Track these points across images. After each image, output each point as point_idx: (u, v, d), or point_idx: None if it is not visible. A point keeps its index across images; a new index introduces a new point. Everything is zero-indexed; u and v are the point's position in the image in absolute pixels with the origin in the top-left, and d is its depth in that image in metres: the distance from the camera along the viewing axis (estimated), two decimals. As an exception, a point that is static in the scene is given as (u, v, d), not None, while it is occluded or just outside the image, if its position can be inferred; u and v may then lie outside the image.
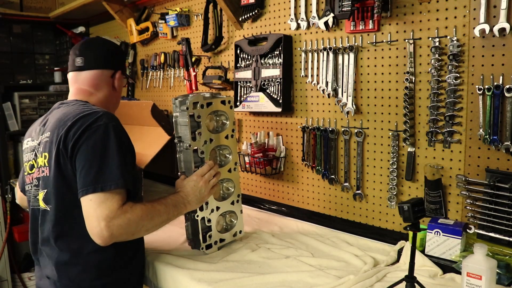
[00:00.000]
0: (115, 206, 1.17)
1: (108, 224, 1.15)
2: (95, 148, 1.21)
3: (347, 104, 1.71)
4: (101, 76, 1.45)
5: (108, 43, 1.55)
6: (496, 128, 1.34)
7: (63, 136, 1.23)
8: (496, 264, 1.11)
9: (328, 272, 1.36)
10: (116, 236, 1.17)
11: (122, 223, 1.18)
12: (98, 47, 1.49)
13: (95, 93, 1.44)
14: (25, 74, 3.43)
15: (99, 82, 1.45)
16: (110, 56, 1.48)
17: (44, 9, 3.45)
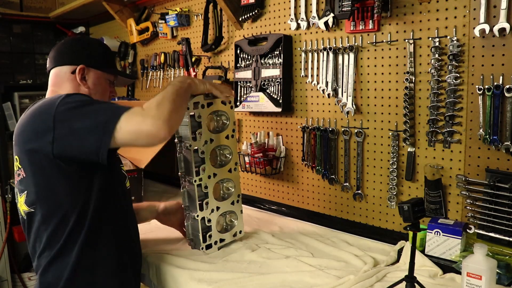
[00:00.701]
0: (138, 109, 1.15)
1: (152, 118, 1.12)
2: (77, 109, 1.17)
3: (347, 104, 1.71)
4: (59, 73, 1.38)
5: (73, 39, 1.48)
6: (496, 128, 1.34)
7: (31, 133, 1.20)
8: (496, 264, 1.11)
9: (328, 272, 1.36)
10: (167, 119, 1.14)
11: (157, 109, 1.15)
12: (59, 46, 1.43)
13: (59, 91, 1.36)
14: (25, 74, 3.43)
15: (58, 80, 1.38)
16: (70, 51, 1.40)
17: (44, 9, 3.45)
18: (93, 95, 1.39)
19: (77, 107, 1.17)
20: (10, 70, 3.34)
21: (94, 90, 1.40)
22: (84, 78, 1.38)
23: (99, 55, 1.45)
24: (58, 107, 1.17)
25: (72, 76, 1.37)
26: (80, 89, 1.37)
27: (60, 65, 1.38)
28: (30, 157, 1.21)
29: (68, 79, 1.37)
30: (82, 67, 1.37)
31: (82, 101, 1.20)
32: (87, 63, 1.39)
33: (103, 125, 1.13)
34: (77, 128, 1.14)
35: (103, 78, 1.43)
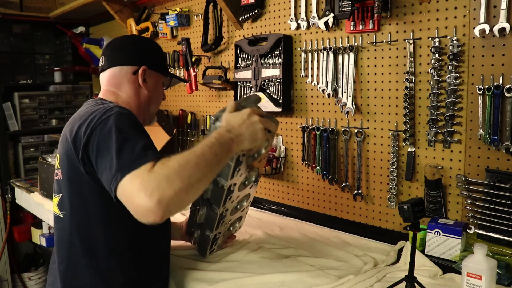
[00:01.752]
0: (146, 173, 0.94)
1: (148, 193, 0.89)
2: (107, 140, 1.04)
3: (347, 104, 1.71)
4: (119, 73, 1.30)
5: (131, 37, 1.42)
6: (496, 128, 1.34)
7: (73, 137, 1.11)
8: (496, 264, 1.11)
9: (328, 272, 1.36)
10: (165, 201, 0.90)
11: (161, 182, 0.91)
12: (118, 44, 1.36)
13: (118, 93, 1.30)
14: (25, 74, 3.42)
15: (118, 80, 1.30)
16: (130, 50, 1.33)
17: (44, 9, 3.45)
18: (151, 98, 1.34)
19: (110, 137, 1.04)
20: (10, 70, 3.34)
21: (153, 93, 1.34)
22: (145, 80, 1.31)
23: (157, 55, 1.39)
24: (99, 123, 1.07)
25: (133, 77, 1.30)
26: (140, 91, 1.31)
27: (120, 65, 1.30)
28: (68, 161, 1.14)
29: (129, 80, 1.30)
30: (145, 68, 1.30)
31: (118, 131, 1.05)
32: (149, 64, 1.31)
33: (114, 173, 0.98)
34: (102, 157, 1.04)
35: (160, 81, 1.38)
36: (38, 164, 2.45)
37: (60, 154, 1.19)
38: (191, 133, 2.55)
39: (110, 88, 1.31)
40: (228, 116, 1.15)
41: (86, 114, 1.14)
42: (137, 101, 1.32)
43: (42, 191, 2.44)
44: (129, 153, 1.00)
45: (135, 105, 1.31)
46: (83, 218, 1.16)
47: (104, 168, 1.02)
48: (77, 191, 1.15)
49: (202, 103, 2.49)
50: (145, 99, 1.33)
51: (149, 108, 1.36)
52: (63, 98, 3.44)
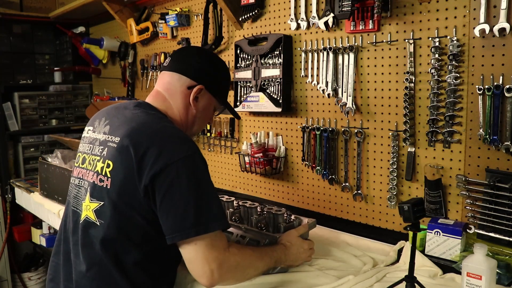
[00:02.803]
0: (223, 247, 1.11)
1: (219, 266, 1.08)
2: (187, 185, 1.08)
3: (347, 104, 1.71)
4: (177, 81, 1.29)
5: (207, 54, 1.37)
6: (496, 128, 1.34)
7: (140, 156, 1.10)
8: (496, 264, 1.11)
9: (327, 272, 1.36)
10: (224, 279, 1.12)
11: (232, 265, 1.12)
12: (191, 53, 1.36)
13: (169, 101, 1.29)
14: (25, 74, 3.42)
15: (172, 87, 1.29)
16: (198, 65, 1.30)
17: (44, 9, 3.45)
18: (197, 118, 1.33)
19: (190, 185, 1.09)
20: (10, 70, 3.34)
21: (200, 114, 1.33)
22: (196, 99, 1.30)
23: (222, 82, 1.38)
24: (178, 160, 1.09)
25: (187, 91, 1.28)
26: (189, 108, 1.30)
27: (181, 74, 1.29)
28: (125, 176, 1.12)
29: (182, 92, 1.29)
30: (200, 88, 1.29)
31: (197, 181, 1.11)
32: (207, 85, 1.30)
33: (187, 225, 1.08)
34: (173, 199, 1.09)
35: (212, 105, 1.37)
36: (38, 164, 2.45)
37: (114, 163, 1.14)
38: (191, 133, 2.55)
39: (162, 91, 1.30)
40: (296, 241, 1.35)
41: (157, 133, 1.14)
42: (184, 116, 1.31)
43: (42, 191, 2.44)
44: (207, 210, 1.11)
45: (182, 120, 1.31)
46: (121, 232, 1.15)
47: (172, 213, 1.09)
48: (125, 207, 1.13)
49: (202, 103, 2.49)
50: (191, 117, 1.32)
51: (192, 127, 1.35)
52: (63, 98, 3.44)
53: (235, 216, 1.52)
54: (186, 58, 1.32)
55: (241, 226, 1.46)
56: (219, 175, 2.42)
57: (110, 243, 1.15)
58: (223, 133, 2.32)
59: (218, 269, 1.09)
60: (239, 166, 2.18)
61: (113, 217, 1.14)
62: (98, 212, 1.16)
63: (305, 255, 1.36)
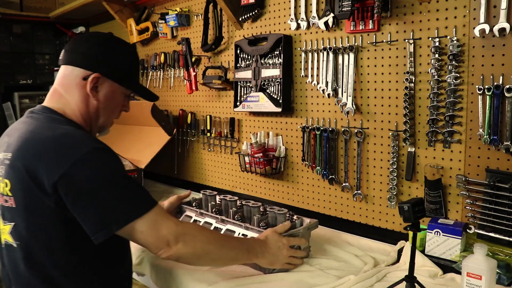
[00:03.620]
0: (172, 222, 1.10)
1: (174, 238, 1.08)
2: (94, 183, 1.04)
3: (347, 104, 1.71)
4: (69, 74, 1.19)
5: (98, 36, 1.25)
6: (496, 128, 1.34)
7: (32, 169, 1.04)
8: (496, 264, 1.11)
9: (328, 272, 1.36)
10: (183, 251, 1.11)
11: (189, 236, 1.11)
12: (81, 40, 1.23)
13: (65, 97, 1.19)
14: (25, 74, 3.43)
15: (67, 81, 1.19)
16: (89, 51, 1.19)
17: (44, 9, 3.45)
18: (101, 109, 1.23)
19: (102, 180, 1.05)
20: (10, 70, 3.35)
21: (104, 104, 1.23)
22: (95, 89, 1.20)
23: (123, 65, 1.25)
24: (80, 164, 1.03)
25: (83, 82, 1.18)
26: (88, 100, 1.20)
27: (73, 65, 1.19)
28: (26, 191, 1.06)
29: (78, 85, 1.19)
30: (97, 76, 1.18)
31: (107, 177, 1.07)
32: (104, 72, 1.20)
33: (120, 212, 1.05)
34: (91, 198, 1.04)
35: (119, 92, 1.26)
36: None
37: (10, 181, 1.09)
38: (191, 133, 2.55)
39: (59, 88, 1.22)
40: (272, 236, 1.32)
41: (47, 145, 1.07)
42: (84, 110, 1.21)
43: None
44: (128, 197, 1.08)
45: (81, 114, 1.21)
46: (42, 247, 1.10)
47: (91, 213, 1.04)
48: (37, 221, 1.08)
49: (202, 103, 2.49)
50: (93, 109, 1.23)
51: (97, 119, 1.26)
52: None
53: (237, 215, 1.53)
54: (77, 47, 1.21)
55: (242, 225, 1.47)
56: (219, 175, 2.42)
57: (32, 262, 1.10)
58: (223, 133, 2.32)
59: (174, 240, 1.08)
60: (239, 166, 2.18)
61: (28, 235, 1.09)
62: (13, 234, 1.11)
63: (285, 251, 1.31)
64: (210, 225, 1.55)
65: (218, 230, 1.53)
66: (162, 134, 2.44)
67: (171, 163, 2.72)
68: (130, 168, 2.26)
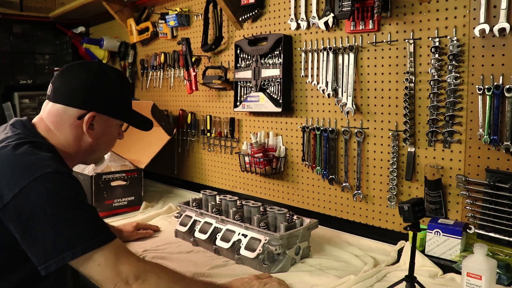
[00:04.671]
0: (133, 259, 1.02)
1: (135, 278, 0.98)
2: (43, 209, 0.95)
3: (347, 104, 1.71)
4: (62, 113, 1.13)
5: (88, 69, 1.17)
6: (496, 128, 1.34)
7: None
8: (496, 264, 1.11)
9: (328, 272, 1.36)
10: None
11: (151, 278, 1.00)
12: (70, 76, 1.16)
13: (55, 134, 1.14)
14: (25, 74, 3.43)
15: (58, 120, 1.14)
16: (81, 88, 1.13)
17: (44, 9, 3.45)
18: (96, 145, 1.20)
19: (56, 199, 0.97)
20: (10, 70, 3.35)
21: (100, 140, 1.20)
22: (91, 126, 1.16)
23: (116, 97, 1.20)
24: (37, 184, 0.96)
25: (78, 122, 1.14)
26: (82, 138, 1.17)
27: (65, 105, 1.13)
28: None
29: (72, 124, 1.14)
30: (93, 115, 1.14)
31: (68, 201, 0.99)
32: (99, 108, 1.15)
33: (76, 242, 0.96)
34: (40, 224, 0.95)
35: (115, 125, 1.23)
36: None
37: None
38: (191, 133, 2.55)
39: (49, 124, 1.15)
40: (238, 280, 1.23)
41: (7, 160, 1.00)
42: (76, 147, 1.18)
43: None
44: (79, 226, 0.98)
45: (70, 150, 1.17)
46: None
47: (40, 242, 0.95)
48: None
49: (202, 103, 2.49)
50: (86, 147, 1.19)
51: (92, 154, 1.23)
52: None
53: (237, 215, 1.53)
54: (67, 84, 1.15)
55: (242, 225, 1.47)
56: (219, 175, 2.42)
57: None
58: (223, 133, 2.32)
59: (134, 277, 0.98)
60: (239, 166, 2.18)
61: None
62: None
63: (257, 285, 1.20)
64: (210, 225, 1.55)
65: (218, 230, 1.53)
66: (162, 134, 2.44)
67: (171, 163, 2.72)
68: (130, 168, 2.26)
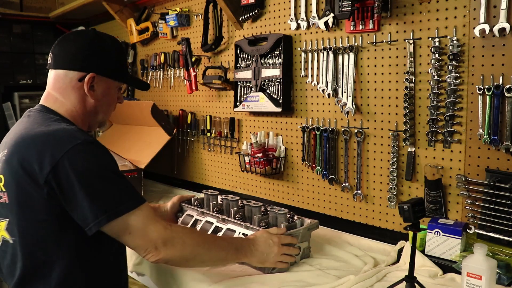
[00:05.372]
0: (161, 225, 1.10)
1: (163, 242, 1.08)
2: (84, 173, 1.04)
3: (347, 104, 1.71)
4: (64, 78, 1.20)
5: (83, 35, 1.26)
6: (496, 128, 1.34)
7: (26, 162, 1.05)
8: (496, 264, 1.11)
9: (328, 272, 1.36)
10: (171, 254, 1.11)
11: (176, 240, 1.11)
12: (67, 43, 1.25)
13: (62, 100, 1.21)
14: (25, 74, 3.43)
15: (62, 86, 1.20)
16: (79, 52, 1.20)
17: (44, 9, 3.45)
18: (99, 106, 1.27)
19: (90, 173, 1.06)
20: (10, 70, 3.35)
21: (102, 101, 1.26)
22: (92, 88, 1.22)
23: (113, 59, 1.27)
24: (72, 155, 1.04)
25: (79, 84, 1.20)
26: (86, 100, 1.23)
27: (65, 69, 1.21)
28: (18, 186, 1.07)
29: (74, 87, 1.21)
30: (92, 76, 1.21)
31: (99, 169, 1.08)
32: (98, 70, 1.22)
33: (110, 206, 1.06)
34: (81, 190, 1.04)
35: (114, 87, 1.29)
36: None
37: (4, 176, 1.10)
38: (191, 133, 2.55)
39: (53, 92, 1.23)
40: (262, 234, 1.32)
41: (40, 139, 1.09)
42: (82, 109, 1.24)
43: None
44: (115, 192, 1.08)
45: (79, 114, 1.24)
46: (35, 244, 1.10)
47: (81, 205, 1.04)
48: (29, 217, 1.08)
49: (202, 103, 2.49)
50: (91, 108, 1.26)
51: (96, 116, 1.29)
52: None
53: (238, 214, 1.53)
54: (65, 50, 1.23)
55: (243, 224, 1.47)
56: (219, 175, 2.42)
57: (29, 259, 1.10)
58: (223, 133, 2.32)
59: (162, 244, 1.08)
60: (239, 166, 2.18)
61: (21, 231, 1.09)
62: (9, 230, 1.11)
63: (276, 249, 1.30)
64: (211, 224, 1.55)
65: (218, 229, 1.53)
66: (162, 134, 2.44)
67: (171, 163, 2.72)
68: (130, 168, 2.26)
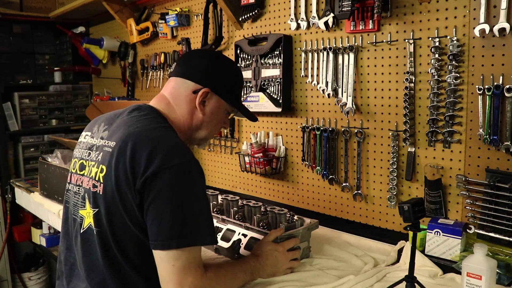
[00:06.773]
0: (200, 272, 1.07)
1: None
2: (177, 193, 1.05)
3: (347, 104, 1.71)
4: (181, 85, 1.25)
5: (212, 55, 1.34)
6: (496, 128, 1.34)
7: (134, 159, 1.06)
8: (496, 264, 1.11)
9: (328, 272, 1.36)
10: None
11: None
12: (194, 56, 1.32)
13: (172, 105, 1.25)
14: (25, 74, 3.43)
15: (176, 92, 1.25)
16: (202, 67, 1.25)
17: (44, 9, 3.45)
18: (205, 123, 1.28)
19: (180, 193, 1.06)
20: (10, 70, 3.34)
21: (209, 118, 1.28)
22: (203, 103, 1.25)
23: (231, 83, 1.32)
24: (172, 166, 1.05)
25: (192, 96, 1.24)
26: (195, 113, 1.26)
27: (185, 78, 1.25)
28: (117, 180, 1.08)
29: (187, 97, 1.24)
30: (207, 91, 1.24)
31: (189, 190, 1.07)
32: (213, 87, 1.25)
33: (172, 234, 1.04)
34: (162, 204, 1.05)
35: (224, 108, 1.31)
36: (38, 164, 2.45)
37: (107, 168, 1.11)
38: (191, 133, 2.55)
39: (168, 96, 1.26)
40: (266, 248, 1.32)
41: (153, 137, 1.11)
42: (188, 121, 1.27)
43: (42, 191, 2.43)
44: (194, 223, 1.07)
45: (184, 125, 1.26)
46: (116, 239, 1.11)
47: (158, 219, 1.05)
48: (118, 213, 1.10)
49: (202, 103, 2.49)
50: (197, 122, 1.28)
51: (199, 131, 1.30)
52: (63, 98, 3.44)
53: (238, 214, 1.54)
54: (190, 62, 1.29)
55: (243, 225, 1.47)
56: (219, 175, 2.42)
57: (107, 251, 1.12)
58: (223, 133, 2.32)
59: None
60: (239, 166, 2.18)
61: (108, 224, 1.11)
62: (96, 219, 1.13)
63: (283, 258, 1.32)
64: None
65: (219, 229, 1.53)
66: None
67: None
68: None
